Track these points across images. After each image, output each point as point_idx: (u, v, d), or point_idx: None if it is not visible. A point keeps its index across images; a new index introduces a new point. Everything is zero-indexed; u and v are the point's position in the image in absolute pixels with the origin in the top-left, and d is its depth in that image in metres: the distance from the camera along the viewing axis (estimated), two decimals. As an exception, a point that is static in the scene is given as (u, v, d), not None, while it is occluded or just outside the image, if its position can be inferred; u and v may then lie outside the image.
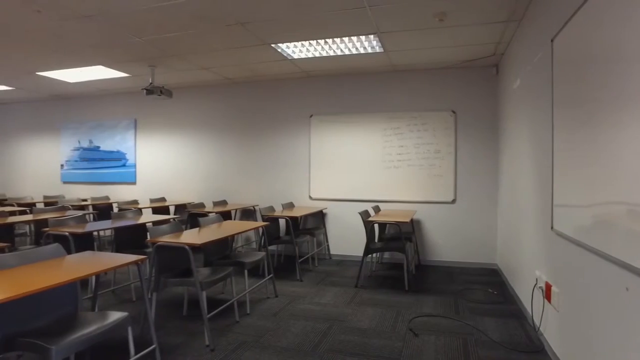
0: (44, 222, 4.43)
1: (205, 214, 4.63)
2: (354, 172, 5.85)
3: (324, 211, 5.97)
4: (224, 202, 6.18)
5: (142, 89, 5.42)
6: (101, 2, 3.43)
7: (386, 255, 5.74)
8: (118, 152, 7.27)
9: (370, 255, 4.87)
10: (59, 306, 2.31)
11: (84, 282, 2.73)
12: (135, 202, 6.15)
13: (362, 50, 4.80)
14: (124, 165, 7.22)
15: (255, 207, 6.16)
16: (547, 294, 2.81)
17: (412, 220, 5.28)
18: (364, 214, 4.72)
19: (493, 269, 5.28)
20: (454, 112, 5.47)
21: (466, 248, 5.46)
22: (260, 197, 6.33)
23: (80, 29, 4.04)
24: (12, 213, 4.94)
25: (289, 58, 5.09)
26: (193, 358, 2.77)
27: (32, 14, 3.67)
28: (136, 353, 2.36)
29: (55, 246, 2.45)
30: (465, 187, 5.46)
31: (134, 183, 7.21)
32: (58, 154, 7.86)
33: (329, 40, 4.47)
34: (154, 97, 5.49)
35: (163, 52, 4.81)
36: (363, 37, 4.36)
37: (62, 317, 2.30)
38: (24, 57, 5.01)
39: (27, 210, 5.32)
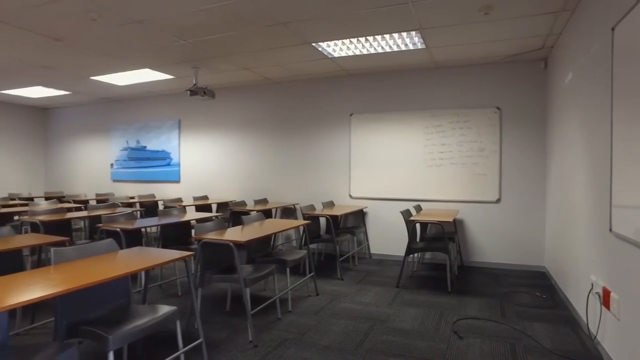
0: (97, 218, 4.67)
1: (246, 212, 4.71)
2: (395, 171, 5.78)
3: (364, 210, 5.93)
4: (264, 201, 6.27)
5: (186, 90, 5.59)
6: (150, 7, 3.56)
7: (427, 255, 5.64)
8: (163, 151, 7.55)
9: (411, 255, 4.79)
10: (113, 298, 2.42)
11: (133, 276, 2.85)
12: (179, 200, 6.36)
13: (403, 47, 4.72)
14: (168, 164, 7.50)
15: (296, 206, 6.21)
16: (605, 300, 2.65)
17: (454, 220, 5.15)
18: (406, 213, 4.64)
19: (541, 271, 5.06)
20: (498, 108, 5.28)
21: (511, 249, 5.26)
22: (300, 195, 6.38)
23: (131, 34, 4.21)
24: (69, 209, 5.24)
25: (329, 57, 5.09)
26: (237, 353, 2.82)
27: (88, 22, 3.88)
28: (184, 346, 2.43)
29: (109, 241, 2.57)
30: (511, 186, 5.26)
31: (177, 181, 7.46)
32: (108, 153, 8.27)
33: (370, 38, 4.43)
34: (197, 98, 5.65)
35: (206, 54, 4.94)
36: (404, 34, 4.29)
37: (117, 309, 2.41)
38: (80, 63, 5.30)
39: (82, 207, 5.63)
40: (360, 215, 5.95)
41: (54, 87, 6.87)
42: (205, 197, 6.63)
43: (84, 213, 4.94)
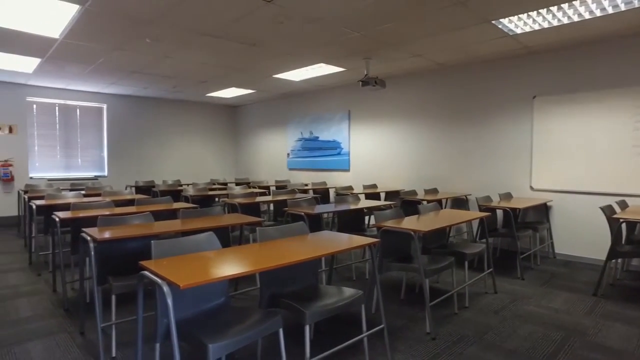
0: (280, 203, 5.21)
1: (418, 202, 4.64)
2: (590, 160, 4.93)
3: (548, 204, 5.25)
4: (434, 190, 6.10)
5: (358, 80, 5.76)
6: (328, 4, 3.74)
7: (634, 262, 4.69)
8: (334, 141, 8.00)
9: (614, 260, 4.04)
10: (304, 276, 2.65)
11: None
12: (350, 187, 6.65)
13: (610, 10, 3.94)
14: (339, 154, 7.91)
15: (468, 197, 5.86)
16: None
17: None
18: (607, 210, 3.93)
19: None
20: None
21: None
22: (472, 186, 6.00)
23: (310, 32, 4.52)
24: (256, 194, 5.97)
25: (511, 34, 4.60)
26: (415, 343, 2.81)
27: (276, 26, 4.31)
28: (365, 330, 2.51)
29: (301, 224, 2.82)
30: None
31: (347, 170, 7.82)
32: (285, 144, 9.16)
33: (564, 6, 3.82)
34: (366, 89, 5.76)
35: (378, 44, 4.99)
36: (614, -7, 3.58)
37: (307, 286, 2.63)
38: (267, 63, 5.95)
39: (265, 192, 6.36)
40: (542, 210, 5.29)
41: (244, 87, 7.90)
42: (374, 186, 6.78)
43: (269, 197, 5.57)
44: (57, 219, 3.51)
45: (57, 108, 8.22)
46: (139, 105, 9.17)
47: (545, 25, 4.32)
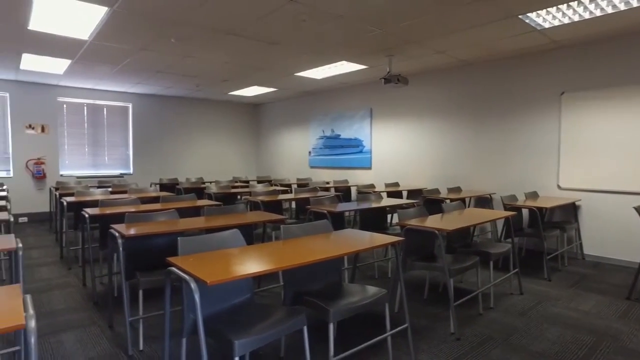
0: (302, 201, 5.23)
1: (441, 200, 4.58)
2: (621, 158, 4.75)
3: (576, 203, 5.10)
4: (458, 189, 6.01)
5: (380, 78, 5.72)
6: (351, 1, 3.72)
7: (669, 263, 4.51)
8: (356, 139, 7.97)
9: (647, 262, 3.90)
10: (328, 274, 2.65)
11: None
12: (372, 186, 6.61)
13: (646, 2, 3.80)
14: (360, 152, 7.88)
15: (492, 195, 5.75)
16: None
17: None
18: (641, 210, 3.78)
19: None
20: None
21: None
22: (497, 184, 5.88)
23: (332, 29, 4.51)
24: (278, 192, 6.00)
25: (538, 28, 4.48)
26: (439, 343, 2.78)
27: (299, 24, 4.31)
28: (389, 329, 2.49)
29: (325, 222, 2.82)
30: None
31: (369, 168, 7.78)
32: (307, 142, 9.18)
33: (597, -3, 3.71)
34: (387, 86, 5.71)
35: (401, 40, 4.94)
36: (649, -14, 3.44)
37: (330, 284, 2.63)
38: (288, 62, 5.97)
39: (287, 190, 6.39)
40: (570, 209, 5.14)
41: (266, 86, 7.96)
42: (396, 184, 6.73)
43: (291, 195, 5.60)
44: (86, 215, 3.62)
45: (85, 108, 8.47)
46: (162, 104, 9.36)
47: (576, 18, 4.19)
